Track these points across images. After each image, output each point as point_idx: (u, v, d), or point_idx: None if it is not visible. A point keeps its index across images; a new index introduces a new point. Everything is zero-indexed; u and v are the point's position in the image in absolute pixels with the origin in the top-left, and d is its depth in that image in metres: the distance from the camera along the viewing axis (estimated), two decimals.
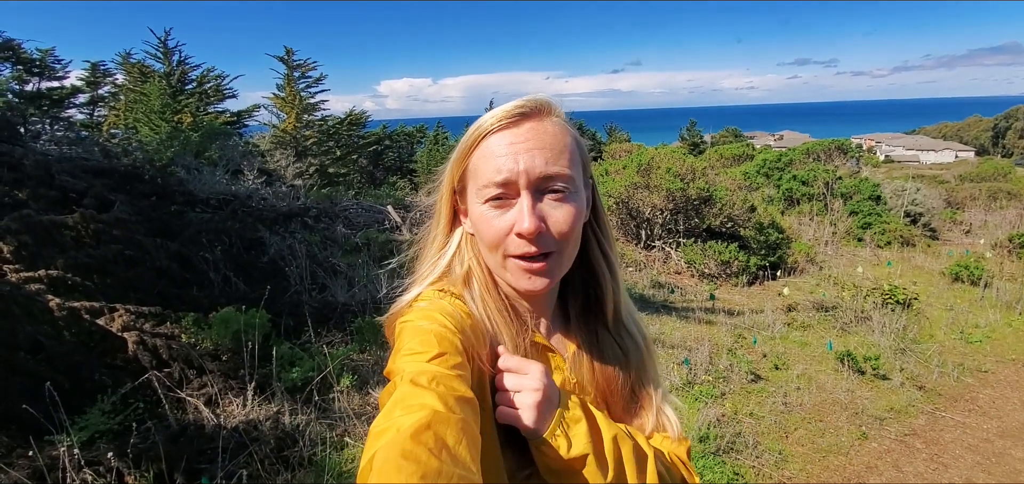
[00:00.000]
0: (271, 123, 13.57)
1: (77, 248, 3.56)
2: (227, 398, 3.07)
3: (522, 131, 0.71)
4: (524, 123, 0.72)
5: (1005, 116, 59.16)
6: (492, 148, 0.71)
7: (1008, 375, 5.02)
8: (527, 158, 0.70)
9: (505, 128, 0.72)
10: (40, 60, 8.16)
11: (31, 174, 4.11)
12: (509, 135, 0.71)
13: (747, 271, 7.91)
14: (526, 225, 0.69)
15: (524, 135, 0.71)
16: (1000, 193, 16.06)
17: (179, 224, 4.68)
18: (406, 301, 0.77)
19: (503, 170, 0.70)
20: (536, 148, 0.70)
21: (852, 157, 17.04)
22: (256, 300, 3.59)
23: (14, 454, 2.34)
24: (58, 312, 2.94)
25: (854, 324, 5.91)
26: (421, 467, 0.47)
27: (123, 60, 12.57)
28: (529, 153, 0.70)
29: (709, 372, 4.36)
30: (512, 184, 0.70)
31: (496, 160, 0.71)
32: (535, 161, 0.70)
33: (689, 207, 8.43)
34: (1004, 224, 12.23)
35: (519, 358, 0.73)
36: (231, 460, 2.57)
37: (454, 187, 0.78)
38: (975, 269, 7.94)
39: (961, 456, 3.69)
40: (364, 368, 3.62)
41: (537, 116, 0.73)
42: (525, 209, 0.69)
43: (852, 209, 11.63)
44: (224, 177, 6.90)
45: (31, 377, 2.62)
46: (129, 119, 10.48)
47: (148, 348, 3.05)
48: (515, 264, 0.72)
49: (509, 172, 0.70)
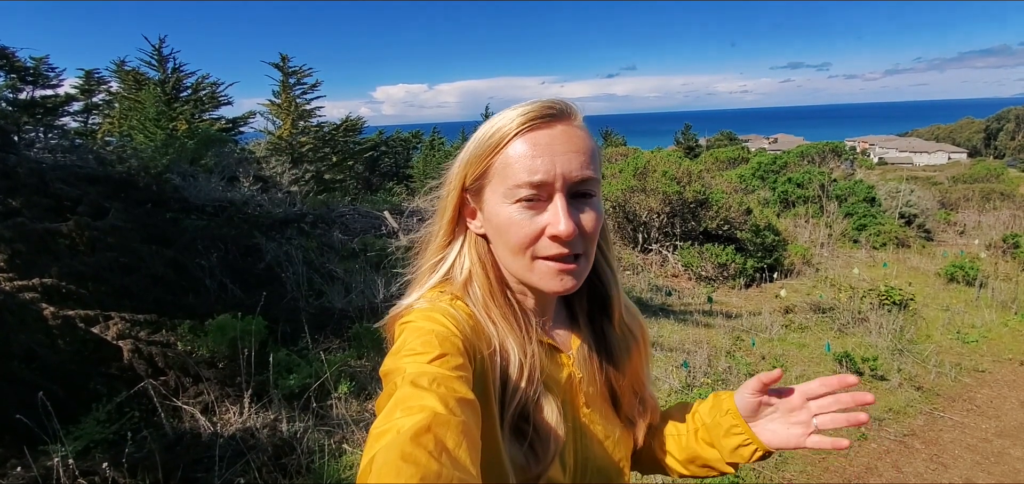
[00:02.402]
0: (267, 130, 13.56)
1: (71, 256, 3.54)
2: (224, 406, 3.05)
3: (556, 133, 0.71)
4: (556, 125, 0.71)
5: (996, 118, 59.71)
6: (524, 148, 0.70)
7: (1005, 375, 5.04)
8: (564, 161, 0.69)
9: (537, 128, 0.71)
10: (34, 68, 8.12)
11: (25, 182, 4.08)
12: (543, 136, 0.70)
13: (744, 273, 7.93)
14: (563, 227, 0.68)
15: (559, 137, 0.70)
16: (993, 194, 16.19)
17: (174, 231, 4.66)
18: (407, 302, 0.77)
19: (539, 171, 0.69)
20: (572, 151, 0.70)
21: (846, 159, 17.14)
22: (252, 307, 3.57)
23: (8, 464, 2.32)
24: (52, 320, 2.92)
25: (851, 325, 5.93)
26: (421, 470, 0.47)
27: (118, 68, 12.53)
28: (566, 155, 0.69)
29: (708, 375, 4.36)
30: (548, 185, 0.69)
31: (530, 161, 0.69)
32: (572, 164, 0.70)
33: (685, 210, 8.46)
34: (998, 225, 12.31)
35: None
36: (228, 469, 2.55)
37: (466, 186, 0.76)
38: (970, 269, 7.98)
39: (960, 456, 3.69)
40: (362, 374, 3.60)
41: (567, 119, 0.72)
42: (561, 211, 0.69)
43: (847, 211, 11.69)
44: (220, 184, 6.87)
45: (25, 386, 2.59)
46: (124, 126, 10.44)
47: (143, 356, 3.02)
48: (546, 265, 0.72)
49: (545, 173, 0.69)
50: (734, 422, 0.81)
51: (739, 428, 0.81)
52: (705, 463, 0.86)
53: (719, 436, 0.83)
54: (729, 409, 0.82)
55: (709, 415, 0.86)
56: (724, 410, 0.83)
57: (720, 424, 0.83)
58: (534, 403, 0.72)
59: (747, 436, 0.81)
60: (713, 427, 0.84)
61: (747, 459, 0.81)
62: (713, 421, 0.84)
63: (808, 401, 0.77)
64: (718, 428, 0.83)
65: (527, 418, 0.72)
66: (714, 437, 0.84)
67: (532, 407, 0.72)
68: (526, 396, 0.72)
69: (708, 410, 0.86)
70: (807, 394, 0.77)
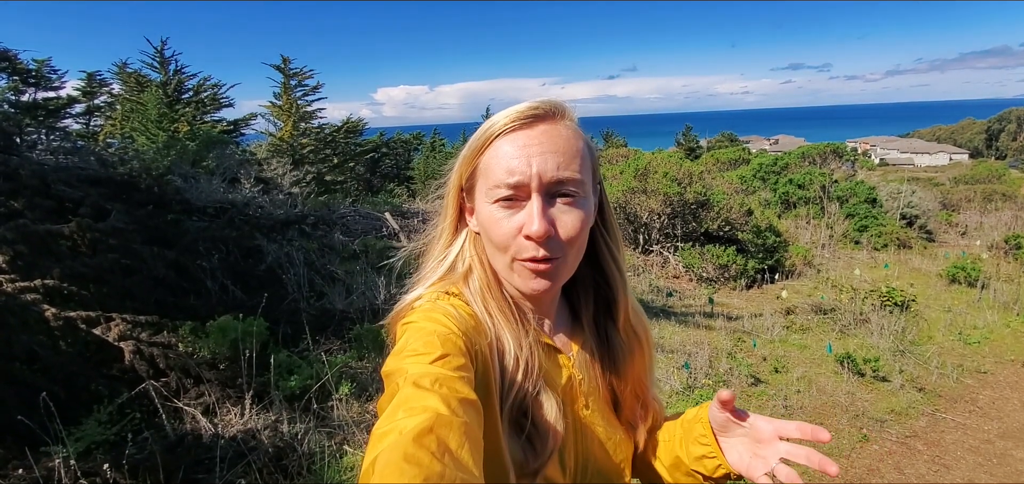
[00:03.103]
0: (268, 131, 13.58)
1: (73, 257, 3.54)
2: (225, 407, 3.05)
3: (535, 133, 0.71)
4: (538, 125, 0.71)
5: (998, 119, 59.59)
6: (504, 149, 0.71)
7: (1007, 376, 5.03)
8: (540, 161, 0.69)
9: (518, 129, 0.71)
10: (36, 70, 8.14)
11: (27, 184, 4.09)
12: (522, 136, 0.71)
13: (745, 274, 7.92)
14: (535, 228, 0.68)
15: (537, 137, 0.70)
16: (995, 195, 16.15)
17: (176, 233, 4.66)
18: (408, 301, 0.77)
19: (515, 172, 0.69)
20: (549, 151, 0.70)
21: (847, 160, 17.13)
22: (254, 308, 3.57)
23: (9, 465, 2.32)
24: (54, 322, 2.92)
25: (853, 326, 5.92)
26: (423, 470, 0.47)
27: (119, 70, 12.55)
28: (542, 156, 0.70)
29: (709, 376, 4.36)
30: (524, 186, 0.70)
31: (508, 161, 0.70)
32: (547, 164, 0.69)
33: (686, 211, 8.45)
34: (999, 225, 12.29)
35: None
36: (229, 470, 2.55)
37: (462, 185, 0.78)
38: (972, 270, 7.97)
39: (962, 457, 3.68)
40: (363, 376, 3.60)
41: (551, 119, 0.72)
42: (535, 212, 0.69)
43: (848, 212, 11.67)
44: (221, 185, 6.88)
45: (27, 387, 2.60)
46: (126, 128, 10.46)
47: (145, 357, 3.02)
48: (521, 266, 0.72)
49: (521, 174, 0.69)
50: (703, 431, 0.80)
51: (707, 438, 0.79)
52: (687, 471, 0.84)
53: (689, 442, 0.82)
54: (702, 418, 0.81)
55: (689, 422, 0.84)
56: (700, 418, 0.82)
57: (692, 431, 0.82)
58: (533, 398, 0.73)
59: (712, 449, 0.79)
60: (687, 433, 0.83)
61: (710, 472, 0.79)
62: (690, 427, 0.83)
63: (778, 439, 0.74)
64: (690, 434, 0.82)
65: (525, 413, 0.72)
66: (686, 442, 0.83)
67: (530, 402, 0.72)
68: (524, 391, 0.72)
69: (692, 416, 0.85)
70: (780, 432, 0.74)
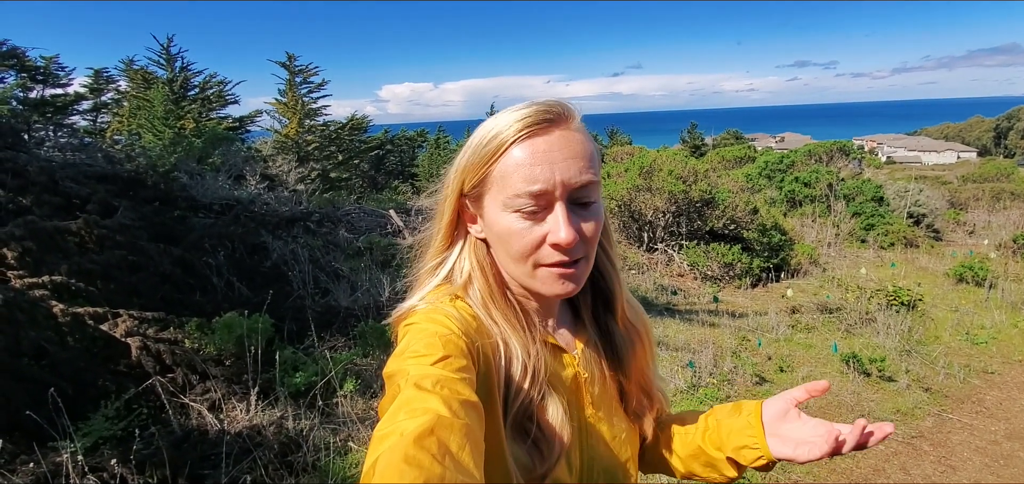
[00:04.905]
0: (273, 128, 13.64)
1: (81, 254, 3.57)
2: (231, 403, 3.06)
3: (554, 139, 0.69)
4: (553, 130, 0.69)
5: (1007, 117, 59.00)
6: (522, 157, 0.68)
7: (1015, 376, 4.99)
8: (563, 169, 0.68)
9: (534, 135, 0.69)
10: (44, 67, 8.21)
11: (35, 180, 4.13)
12: (541, 143, 0.68)
13: (750, 273, 7.89)
14: (564, 236, 0.67)
15: (557, 144, 0.69)
16: (1003, 194, 15.97)
17: (182, 229, 4.69)
18: (410, 304, 0.77)
19: (538, 180, 0.67)
20: (570, 157, 0.68)
21: (854, 158, 16.99)
22: (259, 305, 3.59)
23: (17, 460, 2.34)
24: (62, 318, 2.95)
25: (859, 326, 5.88)
26: (424, 472, 0.47)
27: (126, 67, 12.64)
28: (565, 163, 0.68)
29: (713, 375, 4.34)
30: (547, 194, 0.68)
31: (529, 169, 0.68)
32: (571, 172, 0.68)
33: (691, 209, 8.42)
34: (1008, 225, 12.17)
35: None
36: (235, 465, 2.56)
37: (464, 191, 0.75)
38: (979, 270, 7.90)
39: (969, 458, 3.66)
40: (367, 372, 3.61)
41: (564, 123, 0.70)
42: (562, 221, 0.68)
43: (855, 210, 11.60)
44: (227, 182, 6.91)
45: (35, 383, 2.62)
46: (132, 125, 10.52)
47: (151, 353, 3.05)
48: (548, 271, 0.71)
49: (545, 182, 0.67)
50: (753, 424, 0.81)
51: (754, 431, 0.80)
52: (707, 461, 0.86)
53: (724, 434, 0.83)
54: (751, 412, 0.82)
55: (726, 415, 0.85)
56: (744, 413, 0.83)
57: (732, 424, 0.83)
58: (539, 403, 0.72)
59: (758, 440, 0.79)
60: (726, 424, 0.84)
61: (750, 462, 0.81)
62: (729, 420, 0.84)
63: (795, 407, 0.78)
64: (730, 427, 0.83)
65: (531, 418, 0.72)
66: (718, 434, 0.84)
67: (536, 407, 0.72)
68: (530, 396, 0.72)
69: (727, 411, 0.86)
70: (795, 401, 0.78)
